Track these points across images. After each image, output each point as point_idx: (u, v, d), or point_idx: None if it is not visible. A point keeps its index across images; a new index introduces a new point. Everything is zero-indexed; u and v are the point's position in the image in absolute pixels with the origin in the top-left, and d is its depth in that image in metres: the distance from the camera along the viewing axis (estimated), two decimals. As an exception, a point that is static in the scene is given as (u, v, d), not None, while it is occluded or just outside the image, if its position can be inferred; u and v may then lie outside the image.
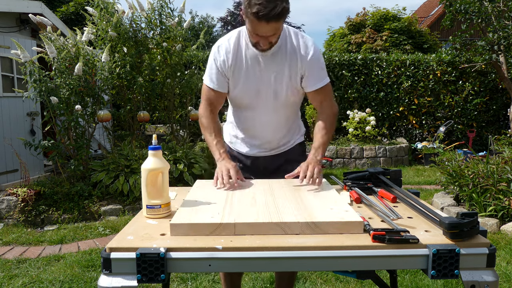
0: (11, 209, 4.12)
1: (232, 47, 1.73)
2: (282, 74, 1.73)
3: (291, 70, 1.73)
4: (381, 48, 11.50)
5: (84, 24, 5.74)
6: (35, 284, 2.77)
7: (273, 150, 1.90)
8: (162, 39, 5.29)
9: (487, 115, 8.24)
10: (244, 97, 1.79)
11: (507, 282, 2.69)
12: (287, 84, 1.74)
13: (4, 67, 5.42)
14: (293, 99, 1.81)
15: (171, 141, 5.46)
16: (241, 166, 1.90)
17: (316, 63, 1.74)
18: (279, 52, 1.72)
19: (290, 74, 1.73)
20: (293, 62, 1.72)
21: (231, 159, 1.72)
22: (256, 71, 1.73)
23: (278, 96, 1.76)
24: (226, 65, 1.74)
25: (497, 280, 1.04)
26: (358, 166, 7.15)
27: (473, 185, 3.82)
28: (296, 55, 1.72)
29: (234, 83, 1.77)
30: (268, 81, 1.74)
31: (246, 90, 1.76)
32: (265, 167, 1.91)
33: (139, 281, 1.02)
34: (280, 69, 1.72)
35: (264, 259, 1.04)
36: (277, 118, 1.82)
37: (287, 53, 1.72)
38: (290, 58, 1.72)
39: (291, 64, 1.72)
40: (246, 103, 1.81)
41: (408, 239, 1.05)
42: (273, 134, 1.86)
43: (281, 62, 1.72)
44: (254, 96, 1.77)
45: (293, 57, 1.72)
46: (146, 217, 1.29)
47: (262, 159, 1.90)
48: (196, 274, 2.79)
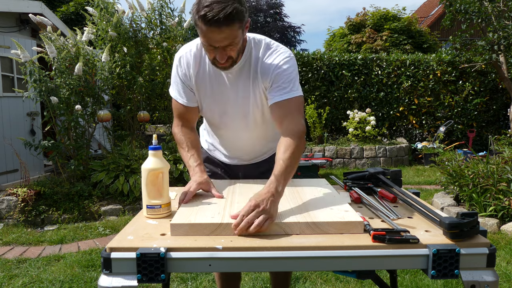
0: (11, 209, 4.12)
1: (193, 60, 1.53)
2: (248, 93, 1.52)
3: (257, 87, 1.51)
4: (381, 48, 11.51)
5: (84, 24, 5.75)
6: (35, 284, 2.77)
7: (252, 160, 1.79)
8: (162, 39, 5.29)
9: (487, 115, 8.24)
10: (211, 116, 1.63)
11: (507, 282, 2.69)
12: (254, 104, 1.54)
13: (4, 67, 5.42)
14: (263, 117, 1.59)
15: (171, 141, 5.46)
16: (223, 171, 1.84)
17: (281, 74, 1.46)
18: (243, 69, 1.50)
19: (255, 92, 1.52)
20: (257, 78, 1.50)
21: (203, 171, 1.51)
22: (221, 90, 1.54)
23: (247, 117, 1.58)
24: (188, 80, 1.55)
25: (497, 280, 1.04)
26: (358, 166, 7.15)
27: (473, 185, 3.82)
28: (258, 69, 1.48)
29: (199, 100, 1.59)
30: (234, 101, 1.55)
31: (212, 109, 1.59)
32: (245, 175, 1.79)
33: (139, 281, 1.02)
34: (246, 88, 1.52)
35: (264, 259, 1.04)
36: (252, 136, 1.66)
37: (251, 68, 1.50)
38: (254, 73, 1.49)
39: (255, 80, 1.50)
40: (215, 122, 1.65)
41: (408, 239, 1.05)
42: (249, 149, 1.74)
43: (246, 80, 1.51)
44: (221, 115, 1.60)
45: (256, 72, 1.49)
46: (146, 217, 1.29)
47: (243, 167, 1.80)
48: (196, 274, 2.80)
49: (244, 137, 1.67)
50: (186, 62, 1.54)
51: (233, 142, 1.72)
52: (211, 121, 1.68)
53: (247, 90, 1.53)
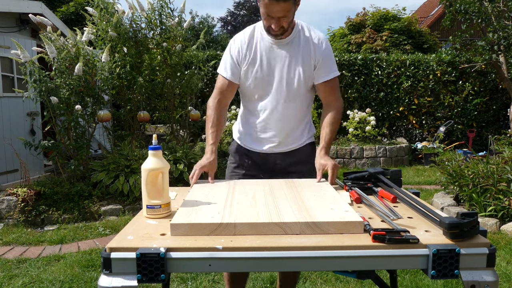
0: (11, 209, 4.12)
1: (247, 39, 1.81)
2: (295, 63, 1.78)
3: (304, 60, 1.78)
4: (381, 48, 11.50)
5: (84, 24, 5.75)
6: (35, 284, 2.77)
7: (283, 146, 1.87)
8: (162, 39, 5.29)
9: (487, 115, 8.24)
10: (256, 87, 1.83)
11: (507, 282, 2.69)
12: (299, 74, 1.78)
13: (4, 67, 5.42)
14: (304, 89, 1.83)
15: (171, 141, 5.46)
16: (251, 163, 1.91)
17: (328, 55, 1.81)
18: (292, 43, 1.78)
19: (303, 64, 1.78)
20: (306, 53, 1.78)
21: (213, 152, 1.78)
22: (270, 61, 1.79)
23: (290, 86, 1.80)
24: (240, 55, 1.81)
25: (497, 280, 1.04)
26: (358, 166, 7.15)
27: (473, 185, 3.82)
28: (310, 46, 1.79)
29: (247, 73, 1.82)
30: (281, 70, 1.79)
31: (259, 79, 1.81)
32: (274, 164, 1.89)
33: (139, 281, 1.02)
34: (293, 59, 1.78)
35: (264, 259, 1.04)
36: (288, 109, 1.83)
37: (300, 44, 1.79)
38: (304, 48, 1.78)
39: (304, 54, 1.78)
40: (258, 93, 1.84)
41: (408, 239, 1.05)
42: (283, 125, 1.85)
43: (294, 52, 1.78)
44: (266, 84, 1.81)
45: (306, 48, 1.78)
46: (146, 217, 1.29)
47: (272, 156, 1.88)
48: (196, 274, 2.80)
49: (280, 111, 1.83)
50: (240, 40, 1.82)
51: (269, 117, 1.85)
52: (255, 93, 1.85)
53: (294, 61, 1.78)
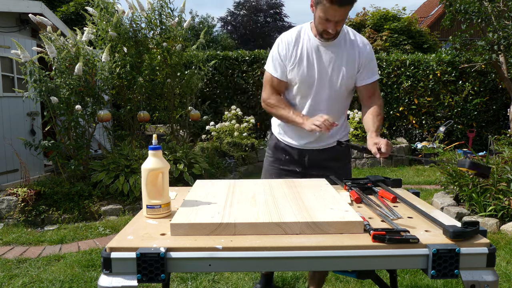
0: (11, 209, 4.13)
1: (294, 38, 1.90)
2: (339, 64, 1.86)
3: (349, 60, 1.87)
4: (381, 48, 11.50)
5: (84, 24, 5.74)
6: (35, 284, 2.77)
7: (319, 142, 1.96)
8: (162, 39, 5.29)
9: (487, 115, 8.24)
10: (301, 85, 1.91)
11: (507, 282, 2.69)
12: (343, 74, 1.87)
13: (4, 67, 5.42)
14: (347, 90, 1.93)
15: (171, 141, 5.46)
16: (288, 158, 2.00)
17: (372, 58, 1.92)
18: (337, 44, 1.87)
19: (347, 65, 1.86)
20: (351, 54, 1.87)
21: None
22: (316, 61, 1.87)
23: (333, 85, 1.88)
24: (287, 54, 1.89)
25: (497, 280, 1.04)
26: (358, 166, 7.15)
27: (473, 185, 3.82)
28: (355, 48, 1.88)
29: (293, 72, 1.90)
30: (325, 69, 1.87)
31: (303, 78, 1.88)
32: (310, 160, 1.97)
33: (139, 281, 1.02)
34: (338, 60, 1.86)
35: (264, 259, 1.04)
36: (328, 107, 1.91)
37: (346, 45, 1.87)
38: (349, 50, 1.87)
39: (349, 55, 1.87)
40: (302, 91, 1.92)
41: (408, 239, 1.05)
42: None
43: (339, 53, 1.86)
44: (310, 84, 1.89)
45: (351, 50, 1.87)
46: (146, 217, 1.29)
47: (309, 152, 1.98)
48: (196, 274, 2.80)
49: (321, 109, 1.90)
50: (287, 40, 1.91)
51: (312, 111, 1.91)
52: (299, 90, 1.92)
53: (339, 61, 1.86)
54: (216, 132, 7.26)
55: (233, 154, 6.49)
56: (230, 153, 6.49)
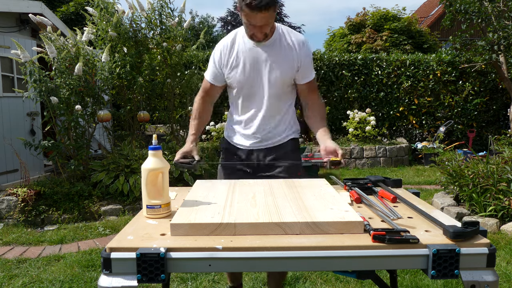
0: (11, 209, 4.12)
1: (229, 44, 1.91)
2: (276, 64, 1.86)
3: (286, 61, 1.86)
4: (381, 48, 11.50)
5: (84, 24, 5.74)
6: (35, 284, 2.77)
7: (265, 142, 1.97)
8: (162, 39, 5.29)
9: (487, 115, 8.24)
10: (240, 88, 1.93)
11: (507, 282, 2.69)
12: (281, 74, 1.87)
13: (4, 67, 5.42)
14: (286, 90, 1.94)
15: (171, 141, 5.46)
16: (237, 159, 2.00)
17: (310, 57, 1.92)
18: (274, 45, 1.86)
19: (285, 65, 1.86)
20: (288, 54, 1.86)
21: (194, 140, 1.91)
22: (252, 63, 1.87)
23: (271, 86, 1.89)
24: (222, 60, 1.91)
25: (497, 280, 1.04)
26: (358, 166, 7.15)
27: (473, 185, 3.82)
28: (292, 48, 1.87)
29: (230, 76, 1.91)
30: (263, 70, 1.88)
31: (242, 81, 1.90)
32: (258, 160, 1.98)
33: (139, 281, 1.02)
34: (275, 60, 1.86)
35: (264, 259, 1.04)
36: (270, 108, 1.92)
37: (281, 46, 1.87)
38: (286, 50, 1.87)
39: (286, 55, 1.86)
40: (242, 93, 1.94)
41: (408, 239, 1.05)
42: (265, 122, 1.94)
43: (275, 54, 1.86)
44: (250, 85, 1.90)
45: (288, 49, 1.87)
46: (146, 217, 1.29)
47: (256, 151, 1.98)
48: (196, 274, 2.79)
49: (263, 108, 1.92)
50: (222, 46, 1.92)
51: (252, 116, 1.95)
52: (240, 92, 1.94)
53: (276, 61, 1.86)
54: (216, 132, 7.26)
55: (233, 154, 6.47)
56: (230, 153, 6.47)
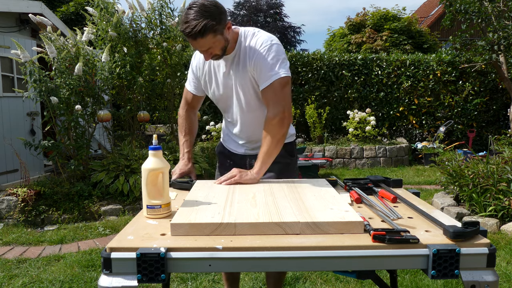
0: (11, 209, 4.12)
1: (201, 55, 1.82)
2: (238, 78, 1.76)
3: (244, 73, 1.74)
4: (381, 48, 11.51)
5: (84, 24, 5.75)
6: (35, 284, 2.77)
7: (255, 150, 1.89)
8: (162, 39, 5.29)
9: (487, 115, 8.24)
10: (217, 101, 1.91)
11: (507, 282, 2.69)
12: (244, 87, 1.77)
13: (4, 67, 5.42)
14: (258, 101, 1.79)
15: (171, 141, 5.46)
16: (231, 163, 1.95)
17: (263, 59, 1.67)
18: (235, 58, 1.75)
19: (243, 76, 1.74)
20: (244, 65, 1.73)
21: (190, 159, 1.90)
22: (221, 78, 1.81)
23: (241, 100, 1.81)
24: (198, 72, 1.89)
25: (497, 280, 1.04)
26: (358, 166, 7.15)
27: (473, 185, 3.82)
28: (246, 57, 1.72)
29: (207, 89, 1.90)
30: (233, 87, 1.80)
31: (217, 95, 1.87)
32: (250, 165, 1.91)
33: (139, 281, 1.02)
34: (236, 74, 1.76)
35: (264, 259, 1.04)
36: (251, 119, 1.84)
37: (240, 56, 1.74)
38: (242, 61, 1.73)
39: (243, 67, 1.73)
40: (221, 106, 1.92)
41: (409, 239, 1.05)
42: (250, 133, 1.89)
43: (236, 66, 1.76)
44: (224, 100, 1.87)
45: (244, 60, 1.73)
46: (146, 217, 1.29)
47: (248, 157, 1.95)
48: (196, 274, 2.80)
49: (245, 123, 1.87)
50: (198, 56, 1.85)
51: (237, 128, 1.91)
52: (219, 106, 1.93)
53: (239, 76, 1.76)
54: (216, 132, 7.26)
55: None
56: (230, 153, 6.48)
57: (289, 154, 1.94)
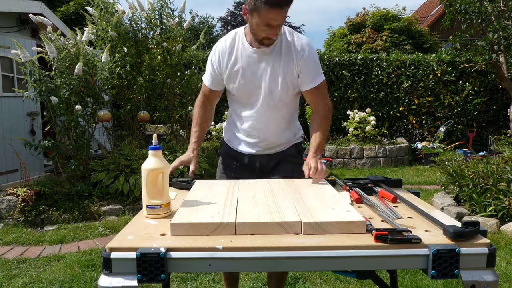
0: (11, 209, 4.12)
1: (228, 47, 1.79)
2: (277, 72, 1.75)
3: (286, 68, 1.74)
4: (381, 48, 11.50)
5: (84, 24, 5.74)
6: (35, 284, 2.77)
7: (267, 150, 1.90)
8: (162, 39, 5.29)
9: (487, 115, 8.24)
10: (240, 95, 1.84)
11: (507, 282, 2.69)
12: (281, 82, 1.76)
13: (4, 67, 5.42)
14: (288, 98, 1.82)
15: (171, 141, 5.46)
16: (238, 165, 1.93)
17: (311, 61, 1.75)
18: (273, 51, 1.74)
19: (284, 72, 1.75)
20: (288, 60, 1.74)
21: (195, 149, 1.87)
22: (252, 70, 1.77)
23: (272, 94, 1.78)
24: (221, 65, 1.80)
25: (497, 280, 1.04)
26: (358, 166, 7.15)
27: (473, 185, 3.82)
28: (291, 53, 1.74)
29: (230, 82, 1.82)
30: (263, 79, 1.76)
31: (241, 88, 1.80)
32: (261, 165, 1.91)
33: (139, 281, 1.02)
34: (276, 67, 1.74)
35: (264, 259, 1.04)
36: (272, 117, 1.83)
37: (281, 51, 1.74)
38: (285, 56, 1.74)
39: (286, 61, 1.74)
40: (242, 101, 1.85)
41: (411, 239, 1.05)
42: (268, 132, 1.86)
43: (275, 60, 1.74)
44: (249, 94, 1.81)
45: (288, 55, 1.74)
46: (146, 217, 1.29)
47: (258, 157, 1.91)
48: (196, 274, 2.79)
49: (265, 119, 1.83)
50: (221, 49, 1.80)
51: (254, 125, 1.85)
52: (240, 100, 1.86)
53: (275, 69, 1.74)
54: (216, 132, 7.26)
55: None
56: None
57: (300, 153, 1.98)
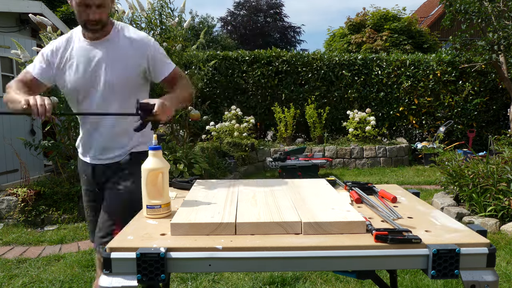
0: (11, 209, 4.12)
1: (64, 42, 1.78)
2: (112, 62, 1.72)
3: (126, 57, 1.73)
4: (381, 48, 11.51)
5: (84, 24, 5.73)
6: (35, 284, 2.77)
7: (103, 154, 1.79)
8: (162, 39, 5.28)
9: (487, 115, 8.24)
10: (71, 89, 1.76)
11: (507, 282, 2.69)
12: (117, 72, 1.72)
13: (4, 67, 5.42)
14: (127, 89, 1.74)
15: (171, 141, 5.46)
16: (86, 178, 1.87)
17: (158, 54, 1.78)
18: (110, 44, 1.73)
19: (123, 61, 1.72)
20: (128, 50, 1.73)
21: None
22: (87, 62, 1.73)
23: (106, 85, 1.72)
24: (54, 56, 1.77)
25: (497, 280, 1.04)
26: (358, 166, 7.15)
27: (473, 185, 3.82)
28: (133, 44, 1.74)
29: (61, 76, 1.76)
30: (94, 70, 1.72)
31: (72, 82, 1.74)
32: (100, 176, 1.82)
33: (139, 281, 1.02)
34: (110, 58, 1.72)
35: (264, 259, 1.04)
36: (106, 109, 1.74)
37: (119, 42, 1.74)
38: (125, 47, 1.73)
39: (126, 52, 1.73)
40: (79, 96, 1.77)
41: (411, 239, 1.05)
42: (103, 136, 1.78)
43: (112, 50, 1.73)
44: (79, 87, 1.74)
45: (129, 46, 1.74)
46: (146, 217, 1.29)
47: (97, 168, 1.81)
48: (196, 274, 2.79)
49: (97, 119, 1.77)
50: (57, 44, 1.78)
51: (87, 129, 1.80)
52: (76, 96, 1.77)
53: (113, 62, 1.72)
54: (216, 132, 7.26)
55: (233, 154, 6.49)
56: (230, 153, 6.49)
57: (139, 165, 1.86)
